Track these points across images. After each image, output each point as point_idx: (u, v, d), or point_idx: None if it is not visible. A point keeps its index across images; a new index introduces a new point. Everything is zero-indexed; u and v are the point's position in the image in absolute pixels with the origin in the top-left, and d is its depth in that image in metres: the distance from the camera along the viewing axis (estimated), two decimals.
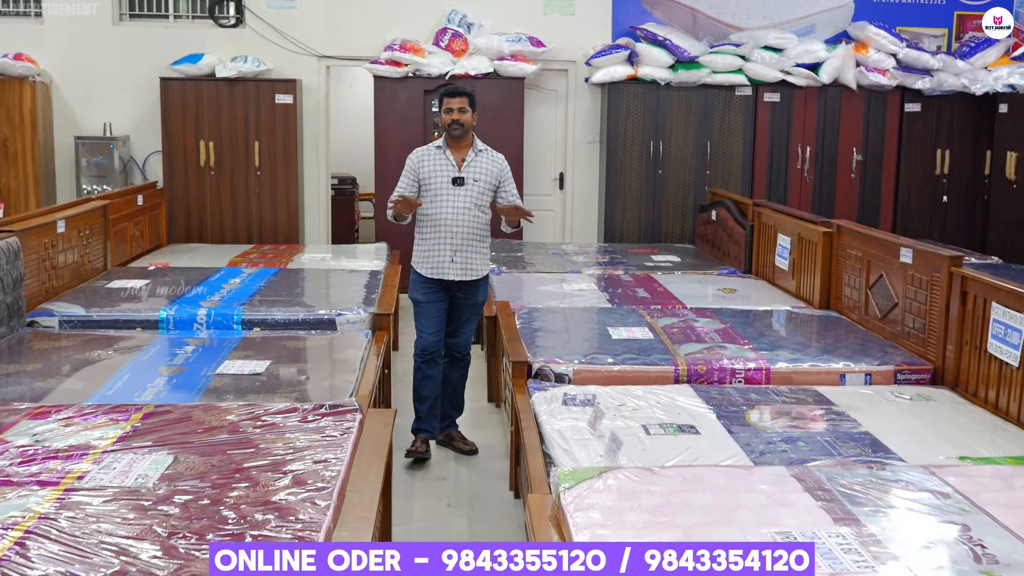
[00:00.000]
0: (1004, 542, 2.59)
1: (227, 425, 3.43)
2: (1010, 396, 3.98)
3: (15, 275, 5.06)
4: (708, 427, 3.74)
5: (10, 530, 2.54)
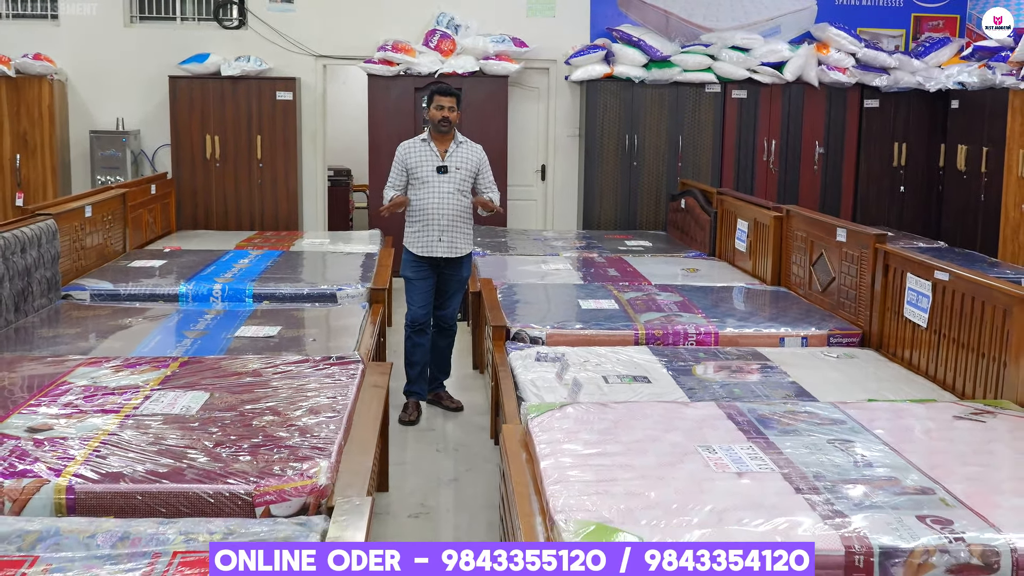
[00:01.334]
0: (879, 452, 3.24)
1: (250, 372, 4.07)
2: (920, 354, 4.64)
3: (52, 253, 5.69)
4: (658, 378, 4.38)
5: (88, 442, 3.19)
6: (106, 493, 2.89)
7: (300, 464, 3.04)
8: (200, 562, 2.55)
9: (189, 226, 9.24)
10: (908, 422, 3.58)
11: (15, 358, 4.34)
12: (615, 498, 2.82)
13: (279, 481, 2.93)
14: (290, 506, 2.87)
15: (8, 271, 5.10)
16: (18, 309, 5.22)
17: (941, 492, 2.91)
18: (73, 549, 2.63)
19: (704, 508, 2.76)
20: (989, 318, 4.06)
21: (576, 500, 2.80)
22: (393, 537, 3.95)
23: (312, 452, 3.15)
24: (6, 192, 9.30)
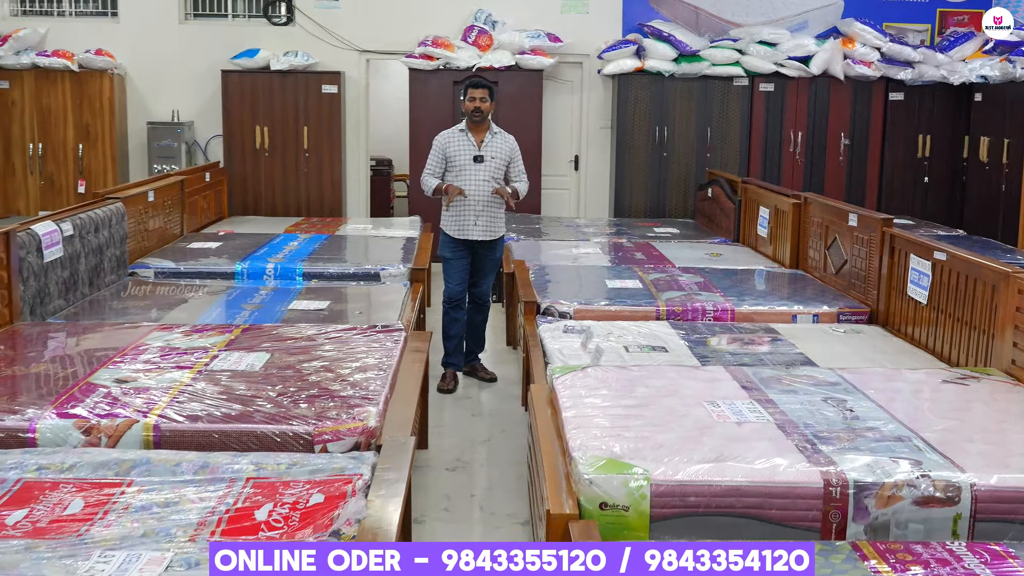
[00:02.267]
0: (866, 409, 3.63)
1: (305, 337, 4.52)
2: (921, 329, 5.00)
3: (121, 234, 6.19)
4: (675, 348, 4.78)
5: (168, 391, 3.65)
6: (187, 431, 3.35)
7: (352, 410, 3.48)
8: (269, 485, 2.99)
9: (239, 212, 9.74)
10: (898, 385, 3.96)
11: (96, 324, 4.83)
12: (626, 440, 3.23)
13: (335, 423, 3.37)
14: (344, 444, 3.31)
15: (84, 248, 5.60)
16: (92, 283, 5.72)
17: (916, 440, 3.29)
18: (161, 475, 3.09)
19: (704, 448, 3.16)
20: (980, 294, 4.42)
21: (592, 441, 3.21)
22: (432, 486, 4.39)
23: (362, 401, 3.59)
24: (69, 179, 9.86)
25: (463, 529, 4.03)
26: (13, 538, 2.70)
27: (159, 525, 2.76)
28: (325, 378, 3.88)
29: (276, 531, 2.73)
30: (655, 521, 2.92)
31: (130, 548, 2.60)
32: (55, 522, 2.79)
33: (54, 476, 3.08)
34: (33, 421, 3.39)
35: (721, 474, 2.99)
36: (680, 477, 2.97)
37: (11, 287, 4.77)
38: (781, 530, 2.91)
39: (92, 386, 3.73)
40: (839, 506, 2.93)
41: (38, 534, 2.73)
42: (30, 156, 9.83)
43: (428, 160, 5.94)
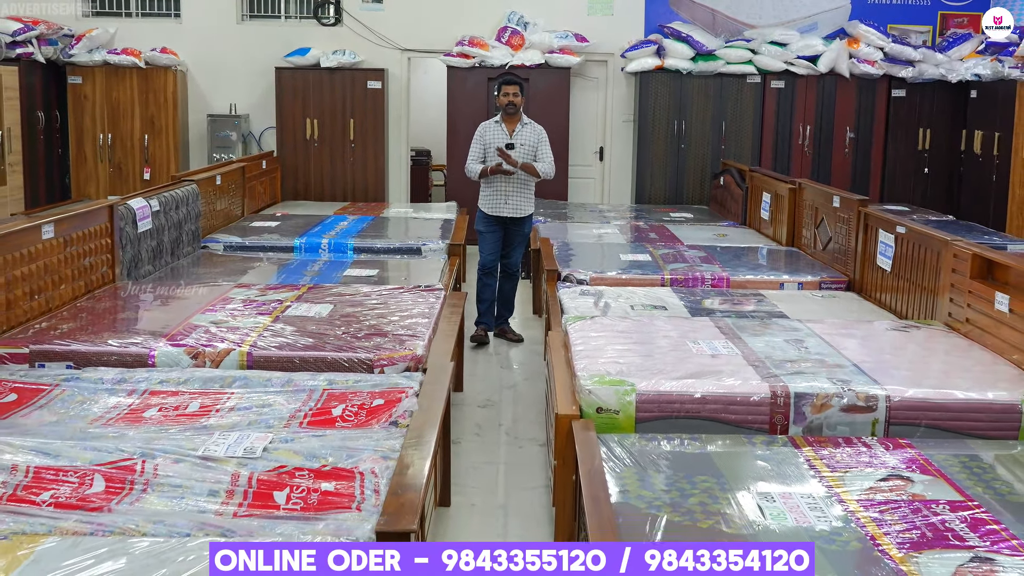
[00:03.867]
0: (819, 346, 4.45)
1: (361, 294, 5.41)
2: (887, 293, 5.80)
3: (196, 211, 7.11)
4: (674, 307, 5.61)
5: (254, 330, 4.54)
6: (273, 356, 4.24)
7: (403, 343, 4.36)
8: (341, 394, 3.86)
9: (291, 197, 10.66)
10: (850, 331, 4.79)
11: (185, 283, 5.75)
12: (621, 365, 4.07)
13: (390, 351, 4.25)
14: (397, 368, 4.19)
15: (167, 223, 6.52)
16: (173, 253, 6.64)
17: (852, 367, 4.11)
18: (256, 387, 3.97)
19: (680, 371, 4.01)
20: (929, 261, 5.22)
21: (593, 365, 4.06)
22: (467, 418, 5.27)
23: (411, 337, 4.47)
24: (136, 167, 10.82)
25: (491, 449, 4.91)
26: (150, 424, 3.59)
27: (259, 418, 3.64)
28: (380, 322, 4.77)
29: (348, 423, 3.59)
30: (639, 422, 3.77)
31: (240, 431, 3.47)
32: (180, 415, 3.68)
33: (173, 387, 3.97)
34: (152, 349, 4.30)
35: (692, 387, 3.83)
36: (660, 389, 3.82)
37: (114, 251, 5.70)
38: (737, 430, 3.75)
39: (193, 326, 4.64)
40: (782, 412, 3.77)
41: (168, 421, 3.62)
42: (100, 146, 10.79)
43: (471, 149, 6.83)
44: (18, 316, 4.62)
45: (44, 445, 3.26)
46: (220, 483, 3.03)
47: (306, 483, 3.02)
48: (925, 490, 3.17)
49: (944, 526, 2.89)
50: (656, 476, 3.28)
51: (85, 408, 3.74)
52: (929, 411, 3.77)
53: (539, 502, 4.27)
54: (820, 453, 3.49)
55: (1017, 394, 3.82)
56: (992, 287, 4.49)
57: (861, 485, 3.20)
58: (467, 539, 3.92)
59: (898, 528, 2.88)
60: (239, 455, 3.21)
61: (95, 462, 3.14)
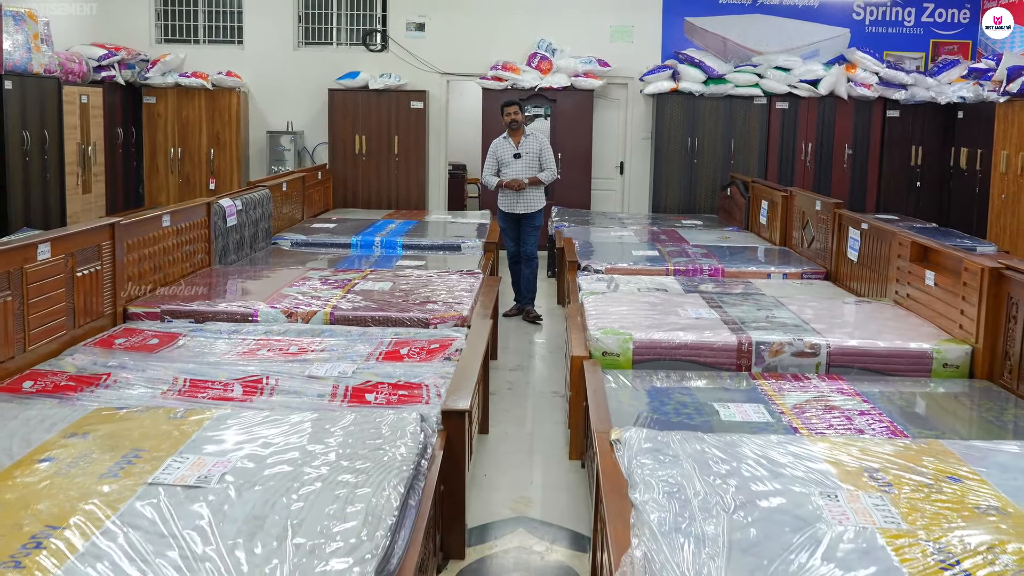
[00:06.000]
0: (784, 313, 5.54)
1: (413, 276, 6.56)
2: (855, 281, 6.88)
3: (268, 212, 8.30)
4: (673, 289, 6.72)
5: (327, 304, 5.70)
6: (351, 315, 5.39)
7: (451, 306, 5.51)
8: (405, 342, 5.00)
9: (341, 205, 11.87)
10: (813, 303, 5.89)
11: (268, 267, 6.93)
12: (623, 322, 5.19)
13: (442, 312, 5.40)
14: (447, 324, 5.33)
15: (247, 220, 7.71)
16: (251, 247, 7.83)
17: (806, 327, 5.21)
18: (338, 337, 5.12)
19: (668, 327, 5.12)
20: (884, 251, 6.30)
21: (602, 322, 5.18)
22: (500, 378, 6.40)
23: (457, 303, 5.62)
24: (203, 178, 12.06)
25: (521, 399, 6.04)
26: (263, 359, 4.75)
27: (345, 356, 4.79)
28: (432, 294, 5.92)
29: (412, 359, 4.73)
30: (635, 363, 4.88)
31: (332, 363, 4.62)
32: (285, 354, 4.83)
33: (276, 337, 5.13)
34: (255, 309, 5.46)
35: (676, 338, 4.94)
36: (652, 338, 4.93)
37: (210, 241, 6.89)
38: (711, 369, 4.85)
39: (283, 295, 5.81)
40: (746, 355, 4.87)
41: (276, 357, 4.77)
42: (171, 159, 12.04)
43: (486, 163, 8.22)
44: (146, 286, 5.81)
45: (190, 368, 4.43)
46: (325, 391, 4.18)
47: (387, 390, 4.16)
48: (843, 403, 4.26)
49: (848, 421, 3.99)
50: (644, 395, 4.40)
51: (211, 348, 4.90)
52: (860, 356, 4.86)
53: (558, 431, 5.40)
54: (771, 383, 4.60)
55: (930, 344, 4.90)
56: (924, 267, 5.57)
57: (795, 400, 4.30)
58: (503, 455, 5.05)
59: (814, 421, 3.98)
60: (335, 376, 4.36)
61: (231, 377, 4.30)
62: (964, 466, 3.20)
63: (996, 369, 4.74)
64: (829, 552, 2.54)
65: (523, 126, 8.18)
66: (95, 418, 3.56)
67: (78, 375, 4.33)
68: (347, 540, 2.56)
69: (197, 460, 3.12)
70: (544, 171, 8.15)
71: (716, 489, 2.95)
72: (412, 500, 3.05)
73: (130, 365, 4.48)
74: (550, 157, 8.20)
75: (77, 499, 2.81)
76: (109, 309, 5.29)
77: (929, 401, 4.45)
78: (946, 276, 5.30)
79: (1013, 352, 4.60)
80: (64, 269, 4.81)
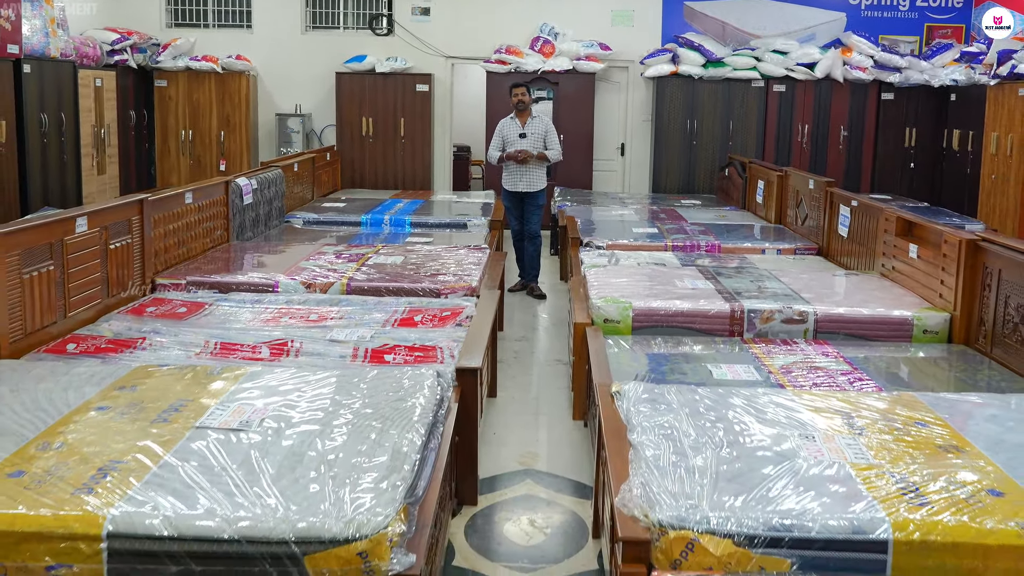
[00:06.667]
0: (776, 284, 5.86)
1: (423, 250, 6.88)
2: (845, 256, 7.20)
3: (281, 192, 8.61)
4: (671, 264, 7.04)
5: (343, 276, 6.01)
6: (366, 286, 5.71)
7: (461, 278, 5.83)
8: (419, 310, 5.32)
9: (349, 185, 12.18)
10: (803, 275, 6.21)
11: (280, 244, 7.25)
12: (623, 290, 5.51)
13: (452, 283, 5.71)
14: (457, 294, 5.65)
15: (262, 199, 8.03)
16: (266, 224, 8.15)
17: (795, 296, 5.52)
18: (354, 305, 5.44)
19: (666, 296, 5.44)
20: (872, 227, 6.62)
21: (603, 292, 5.50)
22: (507, 348, 6.72)
23: (466, 275, 5.94)
24: (213, 160, 12.36)
25: (526, 367, 6.37)
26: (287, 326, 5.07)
27: (362, 322, 5.11)
28: (442, 266, 6.24)
29: (426, 325, 5.05)
30: (635, 329, 5.20)
31: (351, 328, 4.94)
32: (306, 321, 5.16)
33: (296, 306, 5.45)
34: (276, 280, 5.79)
35: (673, 306, 5.26)
36: (650, 306, 5.25)
37: (229, 218, 7.20)
38: (705, 335, 5.17)
39: (301, 267, 6.13)
40: (738, 322, 5.19)
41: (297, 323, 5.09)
42: (182, 141, 12.34)
43: (492, 141, 8.56)
44: (171, 259, 6.13)
45: (219, 333, 4.76)
46: (346, 352, 4.51)
47: (404, 352, 4.49)
48: (827, 365, 4.59)
49: (832, 379, 4.32)
50: (643, 357, 4.72)
51: (236, 316, 5.22)
52: (846, 323, 5.19)
53: (562, 395, 5.74)
54: (761, 347, 4.92)
55: (911, 312, 5.23)
56: (908, 240, 5.89)
57: (783, 362, 4.63)
58: (511, 416, 5.39)
59: (799, 380, 4.30)
60: (354, 339, 4.68)
61: (258, 340, 4.63)
62: (931, 414, 3.53)
63: (972, 335, 5.07)
64: (804, 480, 2.86)
65: (529, 107, 8.46)
66: (139, 374, 3.88)
67: (116, 339, 4.66)
68: (379, 471, 2.89)
69: (237, 408, 3.44)
70: (549, 150, 8.45)
71: (706, 431, 3.28)
72: (432, 444, 3.37)
73: (163, 330, 4.81)
74: (554, 139, 8.50)
75: (133, 439, 3.14)
76: (138, 280, 5.61)
77: (908, 363, 4.77)
78: (928, 249, 5.62)
79: (988, 319, 4.92)
80: (99, 241, 5.13)
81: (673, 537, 2.60)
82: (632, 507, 2.71)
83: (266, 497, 2.73)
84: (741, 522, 2.62)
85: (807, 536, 2.59)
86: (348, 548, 2.55)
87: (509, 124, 8.52)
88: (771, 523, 2.61)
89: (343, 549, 2.55)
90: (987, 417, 3.51)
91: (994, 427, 3.39)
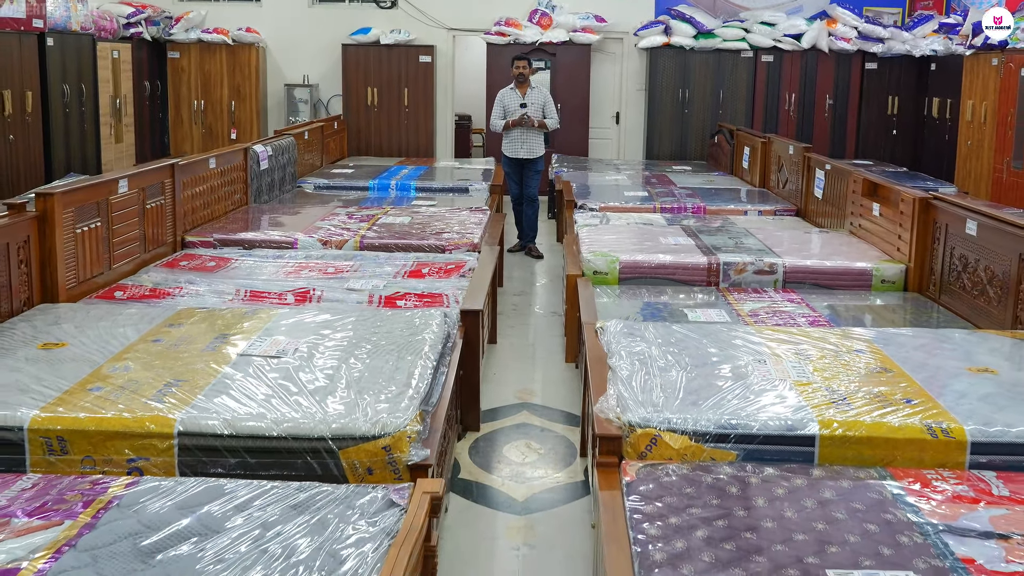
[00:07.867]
0: (751, 240, 6.42)
1: (428, 212, 7.43)
2: (820, 217, 7.75)
3: (293, 158, 9.16)
4: (658, 224, 7.59)
5: (355, 234, 6.57)
6: (376, 243, 6.27)
7: (464, 235, 6.39)
8: (426, 263, 5.88)
9: (355, 153, 12.70)
10: (780, 233, 6.77)
11: (298, 205, 7.80)
12: (612, 246, 6.07)
13: (455, 240, 6.28)
14: (460, 250, 6.21)
15: (276, 165, 8.57)
16: (279, 189, 8.69)
17: (767, 251, 6.09)
18: (367, 260, 6.00)
19: (650, 251, 5.99)
20: (843, 188, 7.16)
21: (593, 247, 6.06)
22: (507, 301, 7.30)
23: (469, 233, 6.50)
24: (224, 129, 12.88)
25: (524, 318, 6.95)
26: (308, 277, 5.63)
27: (375, 274, 5.67)
28: (447, 225, 6.80)
29: (433, 276, 5.61)
30: (621, 281, 5.76)
31: (365, 279, 5.49)
32: (324, 273, 5.72)
33: (314, 261, 6.01)
34: (295, 238, 6.35)
35: (657, 259, 5.83)
36: (635, 259, 5.81)
37: (247, 182, 7.75)
38: (685, 286, 5.74)
39: (316, 227, 6.69)
40: (715, 274, 5.76)
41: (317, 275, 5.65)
42: (194, 111, 12.85)
43: (493, 110, 9.05)
44: (197, 220, 6.69)
45: (247, 283, 5.33)
46: (362, 299, 5.07)
47: (414, 299, 5.05)
48: (792, 310, 5.16)
49: (794, 323, 4.89)
50: (628, 303, 5.29)
51: (261, 269, 5.78)
52: (811, 273, 5.75)
53: (557, 342, 6.32)
54: (735, 295, 5.49)
55: (871, 264, 5.79)
56: (872, 200, 6.45)
57: (752, 307, 5.20)
58: (509, 360, 5.97)
59: (766, 323, 4.87)
60: (369, 288, 5.25)
61: (283, 289, 5.19)
62: (871, 345, 4.10)
63: (924, 283, 5.64)
64: (751, 392, 3.44)
65: (529, 79, 8.96)
66: (184, 314, 4.45)
67: (156, 288, 5.22)
68: (398, 386, 3.47)
69: (273, 340, 4.01)
70: (548, 119, 8.97)
71: (675, 357, 3.85)
72: (441, 369, 3.95)
73: (197, 281, 5.37)
74: (552, 109, 9.03)
75: (189, 363, 3.71)
76: (170, 238, 6.17)
77: (866, 309, 5.34)
78: (889, 207, 6.17)
79: (937, 268, 5.49)
80: (137, 201, 5.69)
81: (640, 434, 3.17)
82: (607, 412, 3.28)
83: (306, 404, 3.31)
84: (696, 422, 3.19)
85: (749, 432, 3.16)
86: (375, 443, 3.12)
87: (509, 94, 9.01)
88: (720, 422, 3.19)
89: (371, 444, 3.12)
90: (916, 347, 4.08)
91: (921, 354, 3.96)
